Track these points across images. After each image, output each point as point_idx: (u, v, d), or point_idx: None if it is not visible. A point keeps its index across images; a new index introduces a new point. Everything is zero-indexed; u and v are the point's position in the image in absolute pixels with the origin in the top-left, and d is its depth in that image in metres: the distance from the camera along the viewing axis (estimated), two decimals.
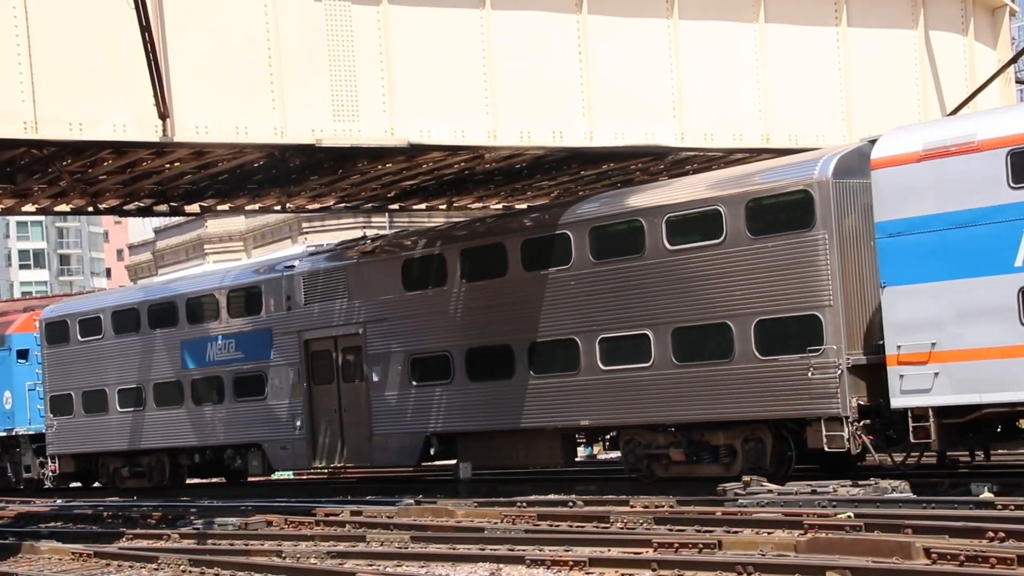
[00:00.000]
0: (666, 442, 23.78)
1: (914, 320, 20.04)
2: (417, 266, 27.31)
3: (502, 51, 23.15)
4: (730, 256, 22.30)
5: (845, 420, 20.91)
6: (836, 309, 21.06)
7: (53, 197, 27.08)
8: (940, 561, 13.61)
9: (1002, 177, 19.07)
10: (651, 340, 23.38)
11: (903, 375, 20.14)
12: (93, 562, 19.29)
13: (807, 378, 21.27)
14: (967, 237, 19.54)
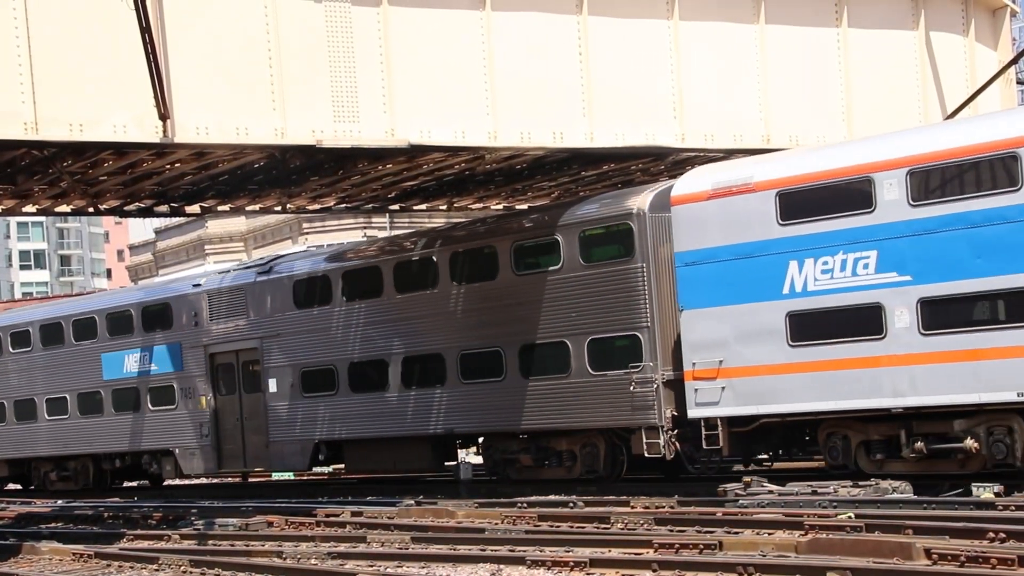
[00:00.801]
0: (518, 448, 26.17)
1: (705, 340, 22.42)
2: (306, 286, 29.56)
3: (502, 52, 23.16)
4: (567, 281, 24.70)
5: (661, 429, 23.29)
6: (653, 330, 23.42)
7: (54, 198, 27.08)
8: (941, 562, 13.62)
9: (773, 215, 21.61)
10: (503, 356, 25.73)
11: (697, 389, 22.52)
12: (94, 563, 19.29)
13: (630, 392, 23.60)
14: (746, 267, 22.02)
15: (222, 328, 31.37)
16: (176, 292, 33.00)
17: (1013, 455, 19.92)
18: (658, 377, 23.30)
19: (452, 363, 26.65)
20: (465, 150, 24.18)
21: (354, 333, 28.30)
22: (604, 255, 24.24)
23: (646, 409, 23.44)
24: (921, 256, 20.22)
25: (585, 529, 18.94)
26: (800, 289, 21.48)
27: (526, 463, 26.00)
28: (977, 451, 20.25)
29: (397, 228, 47.78)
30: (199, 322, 31.89)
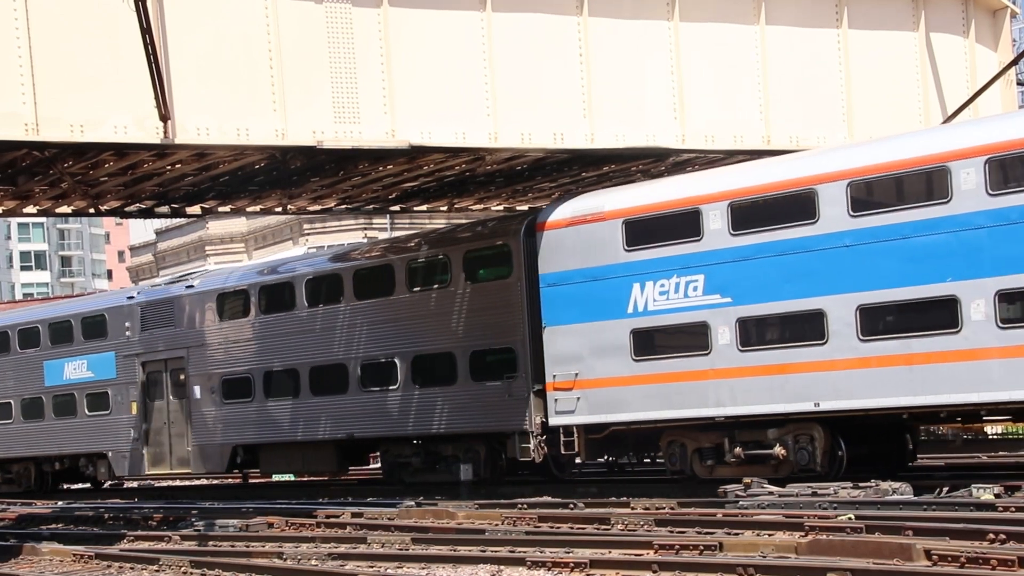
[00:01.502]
0: (410, 453, 28.19)
1: (564, 354, 24.43)
2: (227, 300, 31.69)
3: (503, 53, 23.16)
4: (453, 297, 26.68)
5: (531, 435, 25.10)
6: (527, 344, 25.19)
7: (54, 199, 27.09)
8: (941, 563, 13.61)
9: (620, 241, 23.74)
10: (398, 366, 27.67)
11: (556, 399, 24.56)
12: (94, 564, 19.29)
13: (506, 400, 25.47)
14: (597, 288, 24.04)
15: (152, 338, 33.37)
16: (111, 304, 35.04)
17: (814, 461, 21.88)
18: (530, 387, 25.07)
19: (353, 372, 28.50)
20: (466, 151, 24.18)
21: (269, 344, 30.44)
22: (486, 274, 26.26)
23: (519, 416, 25.20)
24: (739, 280, 22.31)
25: (585, 530, 18.94)
26: (642, 309, 23.50)
27: (417, 466, 27.95)
28: (785, 457, 22.23)
29: (398, 229, 47.79)
30: (132, 332, 33.86)
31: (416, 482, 27.67)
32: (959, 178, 20.03)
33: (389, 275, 27.91)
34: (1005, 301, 19.70)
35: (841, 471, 21.85)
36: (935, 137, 21.06)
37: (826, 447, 21.86)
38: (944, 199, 20.22)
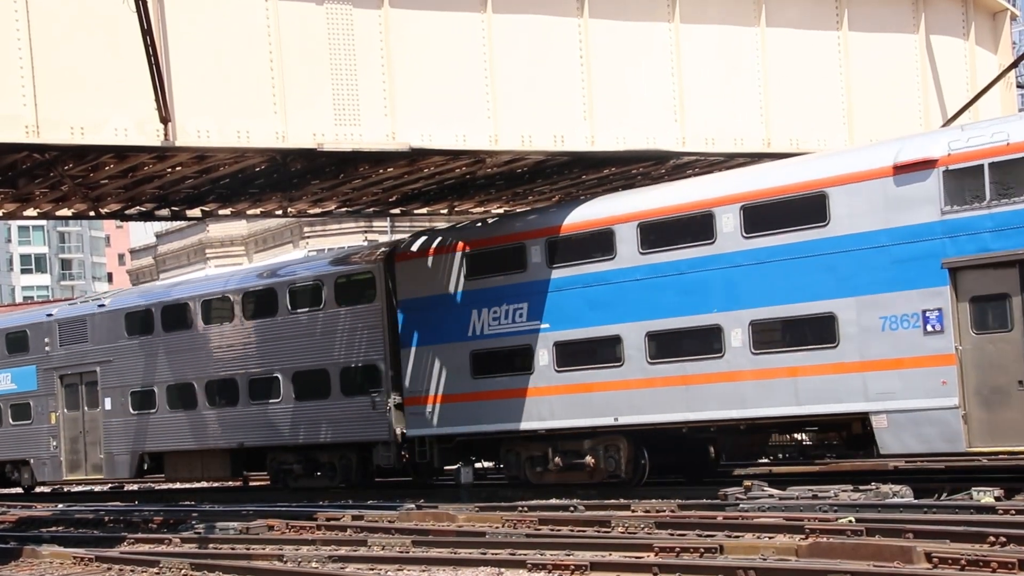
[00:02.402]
0: (293, 460, 30.78)
1: (418, 372, 27.23)
2: (134, 318, 34.30)
3: (503, 55, 23.17)
4: (327, 319, 29.33)
5: (391, 444, 28.02)
6: (387, 362, 28.02)
7: (55, 202, 27.09)
8: (941, 565, 13.61)
9: (461, 272, 26.45)
10: (280, 381, 30.33)
11: (413, 412, 27.39)
12: (95, 566, 19.28)
13: (370, 412, 28.30)
14: (444, 314, 26.84)
15: (69, 353, 35.87)
16: (32, 320, 37.72)
17: (620, 468, 24.85)
18: (391, 401, 27.88)
19: (243, 386, 31.25)
20: (466, 154, 24.19)
21: (170, 359, 33.15)
22: (354, 299, 28.90)
23: (382, 427, 28.14)
24: (555, 308, 25.10)
25: (586, 533, 18.92)
26: (479, 333, 26.31)
27: (299, 473, 30.66)
28: (595, 465, 25.07)
29: (398, 232, 47.77)
30: (51, 347, 36.44)
31: (299, 487, 30.40)
32: (721, 222, 22.92)
33: (273, 298, 30.72)
34: (757, 330, 22.55)
35: (644, 478, 25.03)
36: (704, 185, 24.00)
37: (630, 456, 24.78)
38: (710, 240, 23.09)
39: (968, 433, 20.26)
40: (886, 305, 21.04)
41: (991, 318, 20.26)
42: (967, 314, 20.37)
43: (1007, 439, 20.05)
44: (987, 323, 20.29)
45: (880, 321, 21.11)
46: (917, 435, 20.88)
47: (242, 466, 33.06)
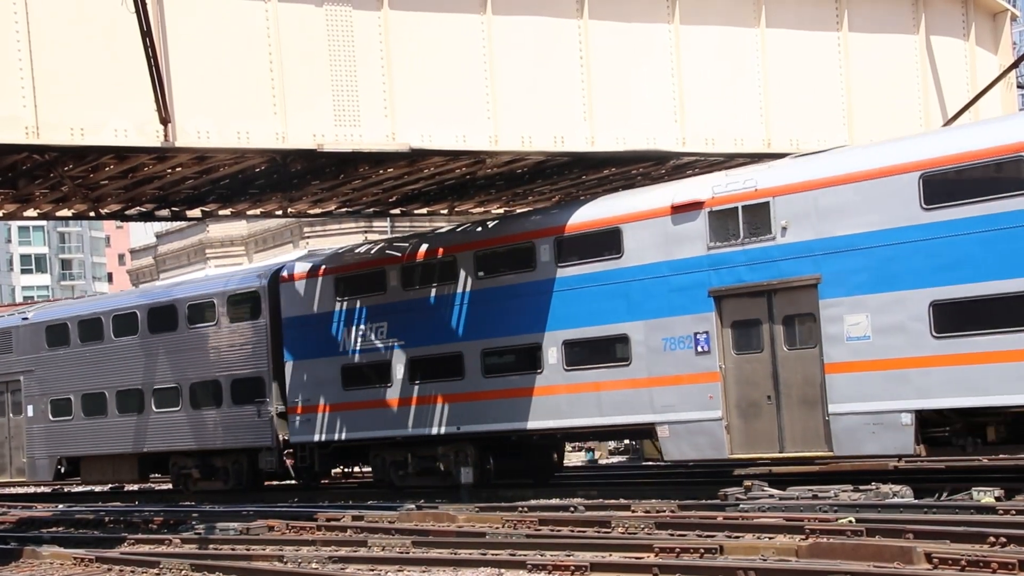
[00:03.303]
0: (192, 464, 33.14)
1: (300, 384, 29.74)
2: (54, 331, 36.37)
3: (503, 56, 23.17)
4: (221, 333, 31.73)
5: (274, 450, 30.39)
6: (271, 374, 30.42)
7: (55, 202, 27.10)
8: (941, 566, 13.61)
9: (333, 293, 29.11)
10: (180, 391, 32.75)
11: (296, 421, 29.80)
12: (95, 567, 19.28)
13: (256, 421, 30.63)
14: (321, 331, 29.31)
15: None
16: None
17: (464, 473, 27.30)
18: (274, 410, 30.32)
19: (148, 396, 33.53)
20: (466, 154, 24.19)
21: (85, 370, 35.32)
22: (243, 316, 31.21)
23: (266, 435, 30.57)
24: (408, 327, 27.67)
25: (586, 533, 18.92)
26: (349, 349, 28.78)
27: (196, 476, 32.94)
28: (446, 469, 27.51)
29: (398, 232, 47.75)
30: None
31: (198, 490, 32.81)
32: (540, 252, 25.57)
33: (173, 314, 33.10)
34: (567, 348, 25.11)
35: (490, 480, 27.50)
36: (528, 220, 26.80)
37: (476, 461, 27.13)
38: (531, 268, 25.66)
39: (730, 442, 22.89)
40: (667, 328, 23.71)
41: (747, 341, 22.87)
42: (729, 337, 23.04)
43: (760, 447, 22.62)
44: (744, 345, 22.89)
45: (663, 342, 23.77)
46: (692, 444, 23.49)
47: (148, 470, 35.27)
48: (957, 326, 20.38)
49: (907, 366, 20.85)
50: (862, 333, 21.34)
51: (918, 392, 20.69)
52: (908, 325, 20.79)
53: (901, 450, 21.23)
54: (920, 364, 20.73)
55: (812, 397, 21.99)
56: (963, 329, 20.32)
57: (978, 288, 20.07)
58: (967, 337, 20.25)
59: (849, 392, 21.43)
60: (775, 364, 22.40)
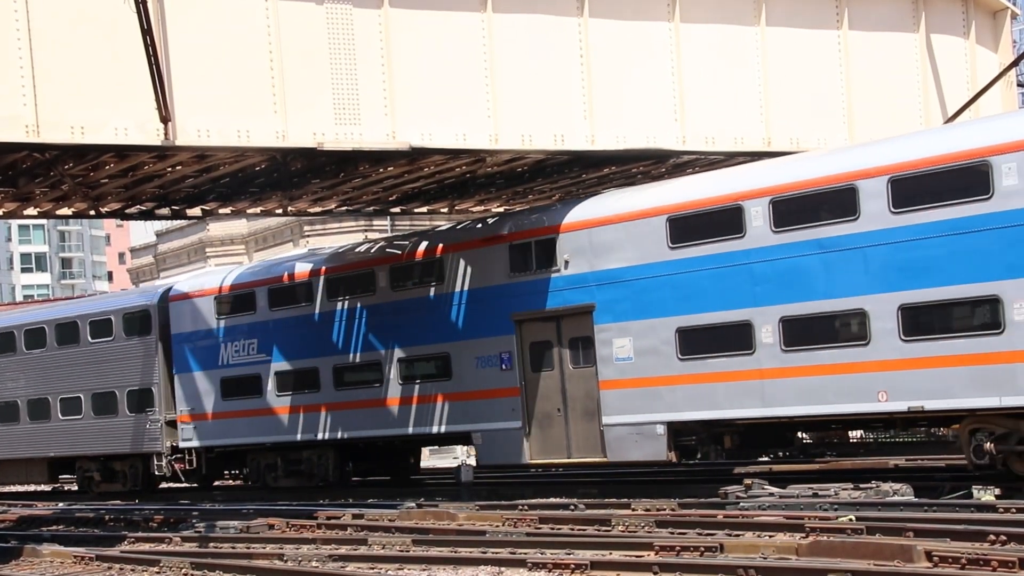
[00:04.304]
0: (94, 468, 35.73)
1: (187, 394, 32.45)
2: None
3: (503, 54, 23.16)
4: (116, 348, 34.48)
5: (162, 455, 33.17)
6: (161, 385, 33.06)
7: (55, 201, 27.09)
8: (942, 564, 13.62)
9: (214, 313, 31.88)
10: (82, 400, 35.31)
11: (183, 428, 32.59)
12: (95, 565, 19.30)
13: (148, 428, 33.40)
14: (204, 346, 32.12)
15: None
16: None
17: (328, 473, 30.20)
18: (162, 418, 33.01)
19: (55, 404, 36.18)
20: (466, 153, 24.19)
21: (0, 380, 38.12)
22: (135, 331, 34.00)
23: (156, 440, 33.27)
24: (275, 343, 30.61)
25: (586, 531, 18.94)
26: (227, 363, 31.54)
27: (98, 479, 35.62)
28: (311, 471, 30.56)
29: (398, 231, 47.76)
30: None
31: (99, 492, 35.41)
32: (378, 277, 28.52)
33: (76, 329, 35.76)
34: (401, 365, 28.10)
35: (349, 481, 30.93)
36: (365, 250, 29.47)
37: (336, 463, 30.09)
38: (372, 292, 28.65)
39: (529, 448, 25.76)
40: (482, 348, 26.43)
41: (542, 360, 25.66)
42: (527, 356, 25.82)
43: (553, 453, 25.56)
44: (539, 364, 25.70)
45: (476, 360, 26.57)
46: (499, 450, 26.35)
47: (57, 472, 38.02)
48: (696, 349, 23.21)
49: (660, 384, 23.74)
50: (627, 355, 24.24)
51: (668, 406, 23.58)
52: (660, 348, 23.65)
53: (656, 456, 23.91)
54: (669, 382, 23.61)
55: (591, 410, 24.81)
56: (700, 352, 23.15)
57: (709, 317, 22.94)
58: (703, 359, 23.08)
59: (618, 406, 24.30)
60: (563, 381, 25.29)
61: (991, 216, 19.68)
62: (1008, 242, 19.55)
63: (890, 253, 20.69)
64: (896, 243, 20.65)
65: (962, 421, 20.83)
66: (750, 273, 22.30)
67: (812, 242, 21.60)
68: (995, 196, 19.59)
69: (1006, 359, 19.65)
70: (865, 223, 20.90)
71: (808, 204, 21.68)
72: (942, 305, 20.36)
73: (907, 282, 20.56)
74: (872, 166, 20.97)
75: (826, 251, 21.43)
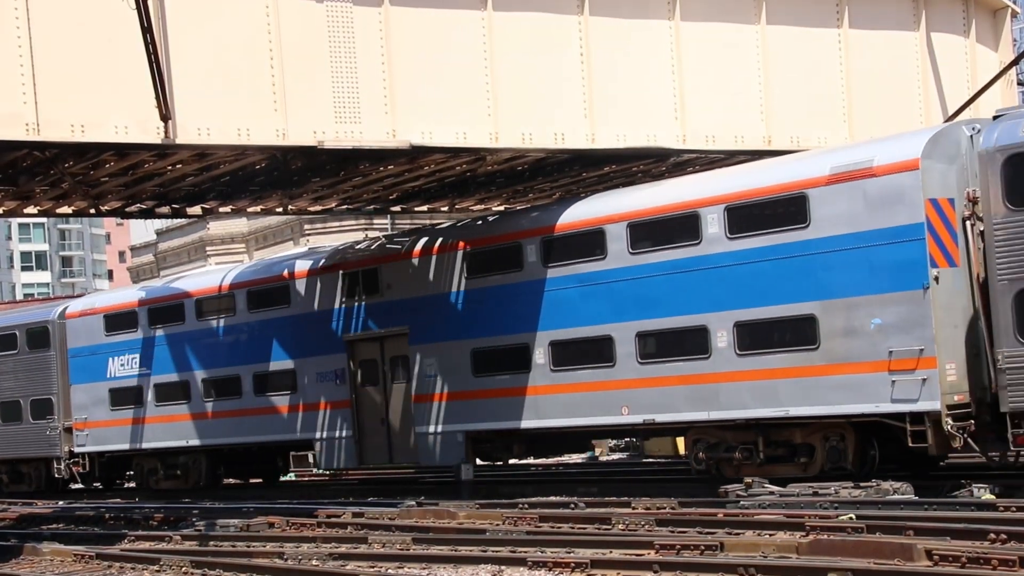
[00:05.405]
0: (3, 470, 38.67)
1: (81, 404, 35.55)
2: None
3: (504, 53, 23.15)
4: (21, 361, 37.67)
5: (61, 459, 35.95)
6: (60, 395, 36.25)
7: (55, 199, 27.08)
8: (942, 563, 13.62)
9: (102, 328, 35.01)
10: (22, 406, 37.74)
11: (78, 434, 35.45)
12: (95, 564, 19.31)
13: (48, 434, 36.41)
14: (94, 360, 35.09)
15: None
16: None
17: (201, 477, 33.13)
18: (60, 425, 36.04)
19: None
20: (466, 151, 24.17)
21: None
22: (37, 345, 36.98)
23: (56, 446, 36.27)
24: (155, 358, 33.43)
25: (586, 530, 18.94)
26: (114, 375, 34.42)
27: (6, 480, 38.63)
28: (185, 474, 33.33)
29: (399, 229, 47.71)
30: None
31: (9, 492, 37.78)
32: (237, 300, 31.32)
33: (13, 340, 37.96)
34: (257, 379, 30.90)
35: (219, 484, 33.68)
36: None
37: (208, 468, 33.13)
38: (232, 313, 31.49)
39: (360, 453, 28.81)
40: (321, 365, 29.41)
41: (369, 376, 28.69)
42: (358, 373, 28.77)
43: (379, 458, 28.72)
44: (367, 379, 28.76)
45: (317, 376, 29.45)
46: (336, 455, 29.28)
47: None
48: (486, 368, 26.28)
49: (460, 398, 26.83)
50: (434, 372, 27.30)
51: (467, 418, 26.63)
52: (459, 367, 26.69)
53: (458, 461, 26.91)
54: (467, 396, 26.66)
55: (407, 420, 27.81)
56: (490, 371, 26.20)
57: (496, 341, 26.02)
58: (491, 376, 26.17)
59: (427, 417, 27.31)
60: (386, 394, 28.40)
61: (698, 259, 22.86)
62: (712, 281, 22.61)
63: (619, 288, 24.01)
64: (633, 279, 23.98)
65: (687, 432, 23.97)
66: (529, 302, 25.32)
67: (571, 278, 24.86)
68: (702, 242, 22.74)
69: (712, 379, 22.75)
70: (611, 262, 24.14)
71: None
72: (667, 332, 23.45)
73: (641, 312, 23.75)
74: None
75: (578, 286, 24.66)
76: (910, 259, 20.31)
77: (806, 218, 21.48)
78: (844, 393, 21.11)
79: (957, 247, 20.43)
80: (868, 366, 20.83)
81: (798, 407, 21.74)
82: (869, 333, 20.80)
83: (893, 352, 20.50)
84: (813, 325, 21.46)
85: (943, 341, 20.14)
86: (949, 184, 20.44)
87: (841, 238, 21.12)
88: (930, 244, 20.20)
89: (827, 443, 21.92)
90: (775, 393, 21.91)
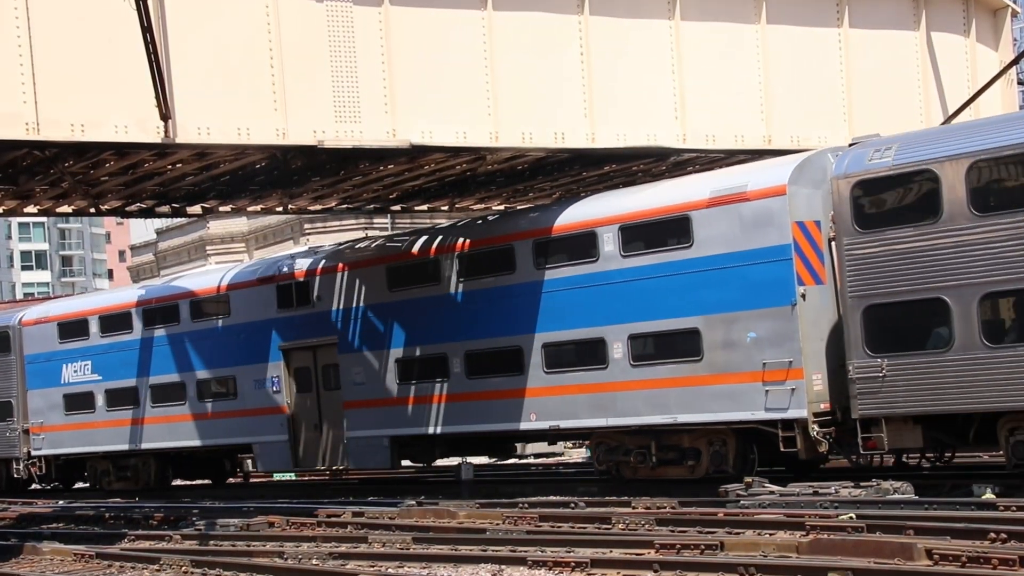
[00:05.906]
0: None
1: (37, 408, 36.79)
2: None
3: (504, 52, 23.15)
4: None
5: (21, 460, 37.16)
6: (19, 399, 37.40)
7: (55, 199, 27.08)
8: (942, 562, 13.62)
9: (56, 336, 36.19)
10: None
11: (34, 437, 36.88)
12: (95, 563, 19.31)
13: (8, 436, 37.65)
14: (49, 367, 36.45)
15: None
16: None
17: (151, 478, 34.59)
18: (20, 428, 37.24)
19: None
20: (466, 151, 24.17)
21: None
22: (2, 352, 38.00)
23: (15, 448, 37.49)
24: (103, 366, 34.74)
25: (586, 530, 18.94)
26: (68, 381, 35.87)
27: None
28: (136, 475, 34.64)
29: (399, 229, 47.72)
30: None
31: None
32: (182, 310, 32.64)
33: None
34: (200, 385, 32.26)
35: (169, 485, 35.28)
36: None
37: (157, 470, 34.58)
38: (176, 322, 32.76)
39: (294, 457, 30.12)
40: (258, 372, 30.52)
41: (303, 383, 29.91)
42: (293, 380, 30.05)
43: (313, 462, 29.90)
44: (301, 386, 29.99)
45: (254, 383, 30.62)
46: (273, 458, 30.74)
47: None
48: (408, 376, 27.42)
49: (386, 404, 27.95)
50: (362, 380, 28.42)
51: (393, 423, 27.81)
52: (387, 374, 27.79)
53: (384, 464, 28.46)
54: (393, 403, 27.81)
55: (339, 425, 28.98)
56: (412, 378, 27.38)
57: (418, 350, 27.28)
58: (414, 384, 27.31)
59: (357, 422, 28.48)
60: (319, 401, 29.55)
61: (596, 275, 24.16)
62: (608, 296, 23.90)
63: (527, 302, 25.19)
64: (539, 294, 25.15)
65: (591, 437, 25.36)
66: (447, 315, 26.58)
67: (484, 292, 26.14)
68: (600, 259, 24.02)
69: (609, 388, 24.06)
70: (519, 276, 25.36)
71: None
72: (570, 344, 24.72)
73: (547, 324, 24.87)
74: None
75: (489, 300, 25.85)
76: (779, 277, 21.78)
77: (690, 238, 22.92)
78: (725, 401, 22.58)
79: (824, 266, 21.88)
80: (745, 376, 22.30)
81: (685, 414, 23.20)
82: (746, 346, 22.25)
83: (766, 364, 21.97)
84: (697, 338, 22.89)
85: (810, 354, 21.59)
86: (815, 207, 21.83)
87: (720, 257, 22.57)
88: (797, 264, 21.66)
89: (711, 447, 23.40)
90: (665, 401, 23.36)
